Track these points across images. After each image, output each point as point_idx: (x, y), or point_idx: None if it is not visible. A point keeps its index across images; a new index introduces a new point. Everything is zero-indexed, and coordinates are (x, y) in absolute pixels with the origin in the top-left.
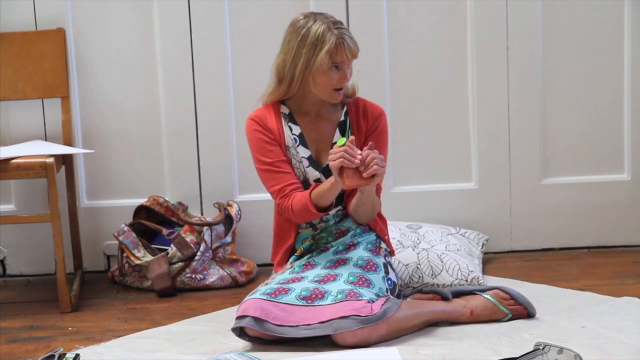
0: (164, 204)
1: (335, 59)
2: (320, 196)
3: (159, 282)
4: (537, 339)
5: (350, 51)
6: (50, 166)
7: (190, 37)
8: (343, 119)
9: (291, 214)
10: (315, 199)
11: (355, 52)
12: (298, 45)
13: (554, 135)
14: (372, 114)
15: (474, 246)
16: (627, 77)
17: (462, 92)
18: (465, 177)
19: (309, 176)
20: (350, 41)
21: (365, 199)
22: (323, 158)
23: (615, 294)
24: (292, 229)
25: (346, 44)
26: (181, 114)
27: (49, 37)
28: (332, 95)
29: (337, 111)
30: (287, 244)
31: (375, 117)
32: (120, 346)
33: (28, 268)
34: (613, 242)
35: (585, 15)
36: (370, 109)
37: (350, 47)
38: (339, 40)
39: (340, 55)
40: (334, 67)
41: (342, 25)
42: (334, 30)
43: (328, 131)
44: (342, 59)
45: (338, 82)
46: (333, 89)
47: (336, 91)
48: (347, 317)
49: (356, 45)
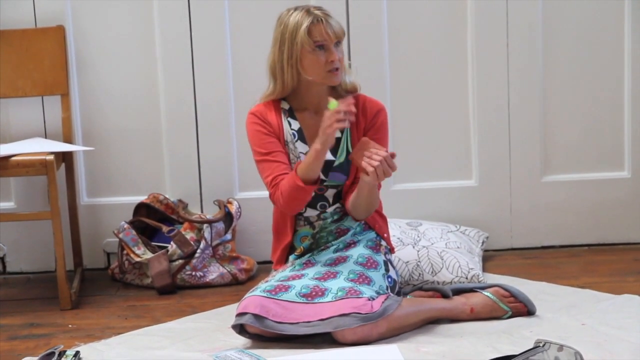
0: (164, 202)
1: (315, 36)
2: (307, 169)
3: (159, 280)
4: (537, 336)
5: (331, 29)
6: (50, 163)
7: (190, 34)
8: None
9: (281, 200)
10: (302, 173)
11: (339, 32)
12: (281, 36)
13: (554, 132)
14: (371, 110)
15: (474, 244)
16: (627, 74)
17: (463, 89)
18: (466, 175)
19: None
20: (330, 20)
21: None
22: None
23: (616, 292)
24: (289, 226)
25: (325, 22)
26: (181, 112)
27: (49, 34)
28: (327, 76)
29: None
30: (285, 241)
31: (373, 113)
32: (121, 343)
33: (28, 265)
34: (613, 239)
35: (586, 13)
36: (370, 105)
37: (331, 24)
38: (316, 18)
39: (320, 33)
40: (318, 47)
41: (324, 10)
42: (313, 12)
43: None
44: (323, 37)
45: (327, 62)
46: (326, 70)
47: (330, 72)
48: (347, 315)
49: (339, 26)
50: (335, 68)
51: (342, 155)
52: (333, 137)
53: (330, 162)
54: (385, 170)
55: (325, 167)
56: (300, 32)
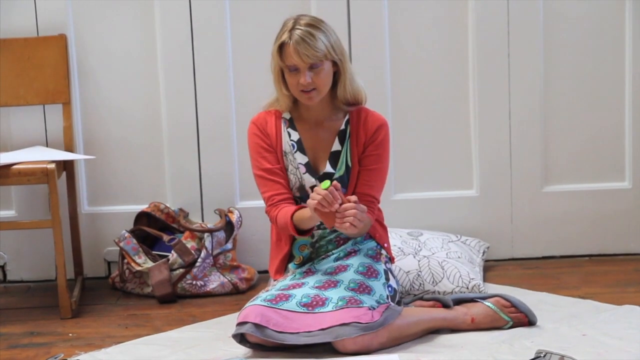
0: (164, 211)
1: (287, 59)
2: (301, 221)
3: (160, 289)
4: (538, 346)
5: (299, 53)
6: (52, 172)
7: (191, 45)
8: (343, 128)
9: (275, 224)
10: (297, 221)
11: (314, 56)
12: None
13: (555, 142)
14: (372, 124)
15: (475, 254)
16: (628, 84)
17: (464, 98)
18: (467, 185)
19: (305, 182)
20: (308, 42)
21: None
22: (320, 165)
23: (617, 302)
24: (287, 235)
25: (293, 46)
26: (182, 121)
27: (51, 43)
28: (300, 96)
29: (338, 119)
30: (283, 251)
31: (375, 128)
32: (121, 352)
33: (28, 274)
34: (614, 250)
35: (587, 22)
36: (371, 120)
37: (298, 50)
38: (287, 41)
39: (288, 58)
40: (290, 69)
41: (309, 29)
42: (293, 31)
43: (327, 139)
44: (291, 61)
45: (298, 84)
46: (299, 90)
47: (303, 93)
48: (347, 324)
49: (319, 48)
50: (305, 90)
51: (342, 168)
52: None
53: (330, 174)
54: (360, 218)
55: (325, 178)
56: (274, 53)
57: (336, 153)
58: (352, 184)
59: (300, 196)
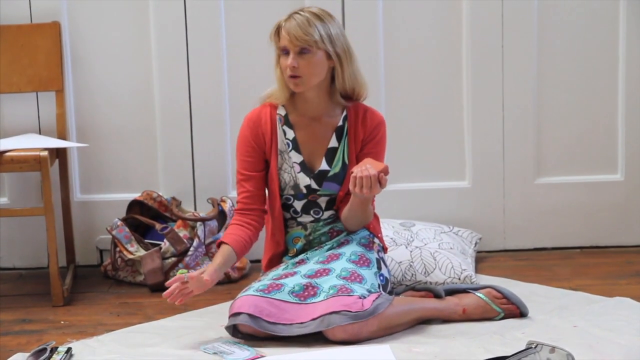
0: (157, 199)
1: (277, 42)
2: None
3: (152, 277)
4: (529, 338)
5: (289, 35)
6: (44, 160)
7: (185, 31)
8: (341, 124)
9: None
10: (221, 249)
11: (303, 39)
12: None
13: (548, 135)
14: (372, 122)
15: (467, 245)
16: (621, 77)
17: (457, 90)
18: (459, 176)
19: (299, 182)
20: (293, 26)
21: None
22: (316, 162)
23: (608, 294)
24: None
25: (286, 27)
26: (176, 109)
27: (44, 30)
28: (289, 81)
29: (335, 116)
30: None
31: (374, 125)
32: (113, 340)
33: (21, 261)
34: (606, 242)
35: (581, 16)
36: (370, 117)
37: (290, 31)
38: (283, 23)
39: (282, 39)
40: (282, 51)
41: (313, 14)
42: (293, 14)
43: (324, 135)
44: (284, 43)
45: (286, 68)
46: (288, 75)
47: (290, 78)
48: (337, 313)
49: (304, 31)
50: (292, 75)
51: (338, 165)
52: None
53: (326, 171)
54: (372, 185)
55: (320, 176)
56: (272, 35)
57: (333, 150)
58: (347, 182)
59: (294, 194)
